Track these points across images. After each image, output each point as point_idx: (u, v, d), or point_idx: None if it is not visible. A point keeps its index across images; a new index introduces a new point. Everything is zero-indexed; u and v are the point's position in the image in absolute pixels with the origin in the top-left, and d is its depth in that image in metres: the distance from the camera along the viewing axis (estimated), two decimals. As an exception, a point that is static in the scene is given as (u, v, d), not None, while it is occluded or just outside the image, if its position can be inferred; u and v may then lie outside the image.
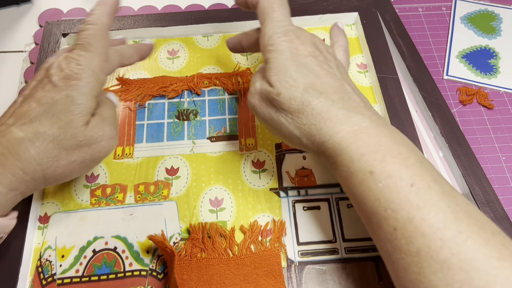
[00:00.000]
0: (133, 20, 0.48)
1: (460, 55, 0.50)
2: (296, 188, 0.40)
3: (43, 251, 0.37)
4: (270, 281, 0.34)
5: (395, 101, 0.43)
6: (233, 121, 0.44)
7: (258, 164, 0.41)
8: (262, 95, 0.31)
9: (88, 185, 0.40)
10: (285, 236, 0.37)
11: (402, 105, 0.43)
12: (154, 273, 0.36)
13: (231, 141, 0.42)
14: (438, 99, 0.45)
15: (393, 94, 0.43)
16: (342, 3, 0.50)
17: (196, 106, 0.44)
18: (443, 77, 0.48)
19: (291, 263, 0.36)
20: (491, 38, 0.51)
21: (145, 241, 0.37)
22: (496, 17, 0.53)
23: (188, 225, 0.38)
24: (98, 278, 0.35)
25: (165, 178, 0.40)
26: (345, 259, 0.36)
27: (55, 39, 0.47)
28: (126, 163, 0.41)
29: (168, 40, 0.49)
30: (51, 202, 0.39)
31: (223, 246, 0.36)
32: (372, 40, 0.47)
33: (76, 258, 0.36)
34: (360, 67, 0.47)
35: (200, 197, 0.39)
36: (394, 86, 0.44)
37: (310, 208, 0.39)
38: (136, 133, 0.43)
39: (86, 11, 0.54)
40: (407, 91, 0.47)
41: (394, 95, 0.43)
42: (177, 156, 0.41)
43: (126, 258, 0.36)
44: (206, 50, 0.48)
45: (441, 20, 0.53)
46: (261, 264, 0.35)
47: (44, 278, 0.35)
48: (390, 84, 0.44)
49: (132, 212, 0.38)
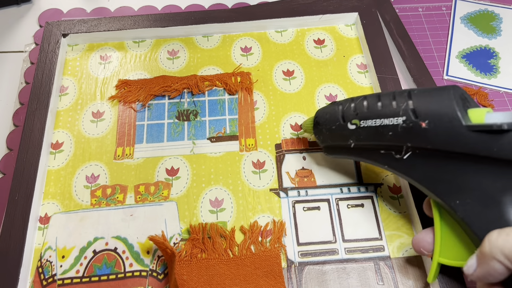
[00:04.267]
0: (133, 20, 0.48)
1: (460, 55, 0.50)
2: (296, 188, 0.40)
3: (44, 251, 0.37)
4: (270, 281, 0.35)
5: (395, 101, 0.43)
6: (233, 122, 0.44)
7: (258, 164, 0.41)
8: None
9: (88, 186, 0.40)
10: (285, 236, 0.37)
11: (402, 105, 0.43)
12: (155, 273, 0.36)
13: (231, 142, 0.42)
14: (438, 99, 0.45)
15: (393, 95, 0.43)
16: (342, 3, 0.50)
17: (196, 107, 0.44)
18: (443, 77, 0.48)
19: (291, 263, 0.36)
20: (491, 38, 0.51)
21: (146, 241, 0.37)
22: (496, 17, 0.53)
23: (188, 226, 0.38)
24: (99, 279, 0.35)
25: (165, 179, 0.40)
26: (345, 259, 0.36)
27: (55, 39, 0.47)
28: (126, 163, 0.41)
29: (168, 40, 0.49)
30: (51, 202, 0.39)
31: (223, 247, 0.36)
32: (372, 40, 0.47)
33: (77, 258, 0.36)
34: (360, 67, 0.47)
35: (200, 198, 0.39)
36: (394, 86, 0.44)
37: (310, 208, 0.39)
38: (136, 134, 0.43)
39: (86, 11, 0.54)
40: (407, 91, 0.47)
41: (394, 95, 0.43)
42: (177, 157, 0.42)
43: (126, 259, 0.36)
44: (206, 50, 0.48)
45: (441, 20, 0.53)
46: (261, 265, 0.35)
47: (44, 279, 0.35)
48: (390, 84, 0.44)
49: (132, 212, 0.38)
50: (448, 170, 0.28)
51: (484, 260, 0.24)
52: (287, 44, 0.49)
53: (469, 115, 0.27)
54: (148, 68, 0.47)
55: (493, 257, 0.24)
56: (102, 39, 0.48)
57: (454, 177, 0.28)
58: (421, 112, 0.29)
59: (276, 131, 0.43)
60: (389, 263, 0.36)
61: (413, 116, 0.29)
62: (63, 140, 0.42)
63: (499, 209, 0.25)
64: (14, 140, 0.43)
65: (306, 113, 0.44)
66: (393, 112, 0.31)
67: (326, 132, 0.36)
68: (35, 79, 0.44)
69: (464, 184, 0.27)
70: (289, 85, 0.46)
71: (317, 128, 0.38)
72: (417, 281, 0.35)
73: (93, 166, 0.41)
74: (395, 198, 0.40)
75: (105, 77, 0.46)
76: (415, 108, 0.29)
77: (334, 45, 0.49)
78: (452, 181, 0.28)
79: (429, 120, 0.28)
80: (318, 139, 0.38)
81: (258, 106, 0.45)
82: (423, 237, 0.31)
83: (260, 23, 0.49)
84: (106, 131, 0.43)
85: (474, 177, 0.27)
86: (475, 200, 0.27)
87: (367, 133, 0.33)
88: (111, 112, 0.44)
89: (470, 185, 0.27)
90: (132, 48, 0.48)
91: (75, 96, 0.45)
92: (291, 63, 0.47)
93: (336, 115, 0.35)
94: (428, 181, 0.30)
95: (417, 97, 0.29)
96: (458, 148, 0.27)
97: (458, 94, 0.28)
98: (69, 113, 0.44)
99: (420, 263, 0.36)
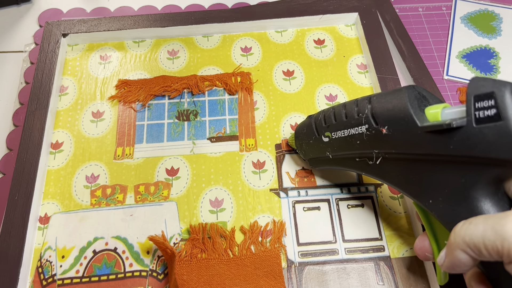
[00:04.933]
0: (133, 20, 0.48)
1: (460, 55, 0.50)
2: (296, 188, 0.40)
3: (43, 251, 0.37)
4: (270, 281, 0.35)
5: (395, 101, 0.43)
6: (233, 122, 0.44)
7: (258, 164, 0.41)
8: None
9: (88, 186, 0.40)
10: (285, 236, 0.37)
11: (402, 105, 0.43)
12: (154, 273, 0.36)
13: (231, 142, 0.42)
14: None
15: (393, 95, 0.43)
16: (342, 4, 0.50)
17: (196, 107, 0.44)
18: (443, 77, 0.48)
19: (291, 263, 0.36)
20: (491, 38, 0.51)
21: (145, 241, 0.37)
22: (496, 17, 0.53)
23: (188, 226, 0.38)
24: (99, 279, 0.35)
25: (165, 179, 0.40)
26: (345, 259, 0.36)
27: (55, 39, 0.47)
28: (126, 163, 0.41)
29: (168, 40, 0.49)
30: (51, 202, 0.39)
31: (223, 247, 0.36)
32: (372, 40, 0.47)
33: (76, 258, 0.36)
34: (360, 67, 0.47)
35: (200, 198, 0.39)
36: (394, 87, 0.44)
37: (310, 208, 0.39)
38: (136, 134, 0.43)
39: (86, 11, 0.54)
40: (407, 91, 0.47)
41: (394, 95, 0.43)
42: (177, 157, 0.41)
43: (126, 259, 0.36)
44: (206, 50, 0.48)
45: (441, 20, 0.53)
46: (261, 265, 0.35)
47: (44, 279, 0.35)
48: (390, 84, 0.44)
49: (132, 212, 0.38)
50: (417, 172, 0.28)
51: (450, 250, 0.25)
52: (287, 44, 0.49)
53: (426, 113, 0.27)
54: (148, 68, 0.47)
55: (456, 247, 0.24)
56: (102, 39, 0.48)
57: (422, 178, 0.28)
58: (380, 118, 0.29)
59: (276, 131, 0.43)
60: (389, 263, 0.36)
61: (374, 123, 0.29)
62: (63, 140, 0.42)
63: (468, 205, 0.26)
64: (14, 140, 0.43)
65: (306, 113, 0.44)
66: (357, 121, 0.31)
67: (305, 147, 0.37)
68: (35, 79, 0.44)
69: (433, 184, 0.27)
70: (289, 85, 0.46)
71: (298, 143, 0.39)
72: (417, 281, 0.35)
73: (93, 166, 0.41)
74: (395, 198, 0.40)
75: (105, 77, 0.46)
76: (374, 115, 0.29)
77: (334, 45, 0.49)
78: (422, 182, 0.28)
79: (388, 126, 0.28)
80: (301, 154, 0.39)
81: (258, 106, 0.45)
82: (422, 243, 0.31)
83: (260, 23, 0.49)
84: (106, 131, 0.43)
85: (440, 176, 0.27)
86: (446, 199, 0.27)
87: (339, 144, 0.33)
88: (111, 112, 0.44)
89: (438, 184, 0.27)
90: (132, 48, 0.48)
91: (75, 96, 0.45)
92: (291, 63, 0.47)
93: (311, 129, 0.36)
94: (401, 184, 0.30)
95: (376, 103, 0.29)
96: (419, 149, 0.27)
97: (413, 95, 0.28)
98: (69, 113, 0.44)
99: (420, 263, 0.36)
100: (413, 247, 0.37)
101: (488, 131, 0.23)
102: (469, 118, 0.23)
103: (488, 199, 0.25)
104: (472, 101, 0.23)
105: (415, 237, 0.37)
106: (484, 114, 0.23)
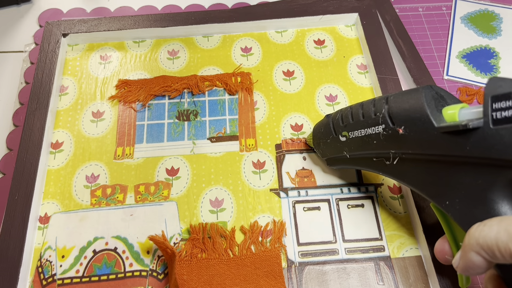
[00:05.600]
0: (133, 20, 0.48)
1: (460, 55, 0.50)
2: (296, 188, 0.40)
3: (43, 251, 0.37)
4: (270, 281, 0.35)
5: (395, 101, 0.43)
6: (233, 122, 0.44)
7: (258, 164, 0.41)
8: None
9: (88, 186, 0.40)
10: (285, 236, 0.37)
11: (402, 105, 0.43)
12: (155, 273, 0.36)
13: (231, 142, 0.42)
14: (438, 99, 0.45)
15: (393, 95, 0.43)
16: (342, 4, 0.50)
17: (196, 107, 0.44)
18: (443, 77, 0.48)
19: (291, 263, 0.36)
20: (491, 38, 0.51)
21: (146, 241, 0.37)
22: (496, 17, 0.53)
23: (189, 226, 0.38)
24: (99, 279, 0.35)
25: (166, 179, 0.40)
26: (345, 259, 0.36)
27: (55, 39, 0.47)
28: (126, 163, 0.41)
29: (168, 40, 0.49)
30: (51, 202, 0.39)
31: (224, 247, 0.36)
32: (372, 41, 0.47)
33: (76, 258, 0.36)
34: (360, 68, 0.47)
35: (201, 198, 0.39)
36: (394, 87, 0.44)
37: (310, 208, 0.39)
38: (136, 134, 0.43)
39: (86, 11, 0.54)
40: (407, 91, 0.47)
41: (394, 95, 0.43)
42: (177, 157, 0.41)
43: (126, 259, 0.36)
44: (206, 50, 0.48)
45: (441, 20, 0.53)
46: (262, 265, 0.35)
47: (44, 279, 0.35)
48: (390, 84, 0.44)
49: (132, 212, 0.38)
50: (433, 172, 0.28)
51: (464, 252, 0.24)
52: (287, 44, 0.49)
53: (443, 114, 0.27)
54: (148, 68, 0.47)
55: (470, 249, 0.24)
56: (102, 39, 0.48)
57: (439, 179, 0.28)
58: (397, 118, 0.29)
59: (276, 131, 0.43)
60: (389, 263, 0.36)
61: (391, 123, 0.29)
62: (63, 140, 0.42)
63: (486, 207, 0.25)
64: (14, 140, 0.43)
65: (306, 114, 0.44)
66: (374, 121, 0.31)
67: (323, 146, 0.37)
68: (35, 79, 0.44)
69: (450, 185, 0.27)
70: (289, 86, 0.46)
71: (315, 142, 0.39)
72: (417, 281, 0.35)
73: (93, 166, 0.41)
74: (395, 198, 0.40)
75: (105, 77, 0.46)
76: (391, 115, 0.29)
77: (334, 45, 0.49)
78: (439, 183, 0.28)
79: (404, 126, 0.28)
80: (319, 153, 0.39)
81: (258, 106, 0.45)
82: (442, 245, 0.30)
83: (260, 23, 0.49)
84: (106, 131, 0.43)
85: (456, 177, 0.27)
86: (463, 200, 0.26)
87: (357, 143, 0.33)
88: (111, 112, 0.44)
89: (455, 186, 0.27)
90: (132, 48, 0.48)
91: (75, 96, 0.45)
92: (291, 64, 0.47)
93: (329, 128, 0.36)
94: (419, 184, 0.30)
95: (393, 103, 0.29)
96: (435, 150, 0.27)
97: (430, 95, 0.27)
98: (69, 113, 0.44)
99: (420, 263, 0.36)
100: (413, 247, 0.37)
101: (505, 133, 0.22)
102: (486, 119, 0.23)
103: (505, 201, 0.25)
104: (489, 102, 0.23)
105: (415, 237, 0.37)
106: (502, 115, 0.22)
